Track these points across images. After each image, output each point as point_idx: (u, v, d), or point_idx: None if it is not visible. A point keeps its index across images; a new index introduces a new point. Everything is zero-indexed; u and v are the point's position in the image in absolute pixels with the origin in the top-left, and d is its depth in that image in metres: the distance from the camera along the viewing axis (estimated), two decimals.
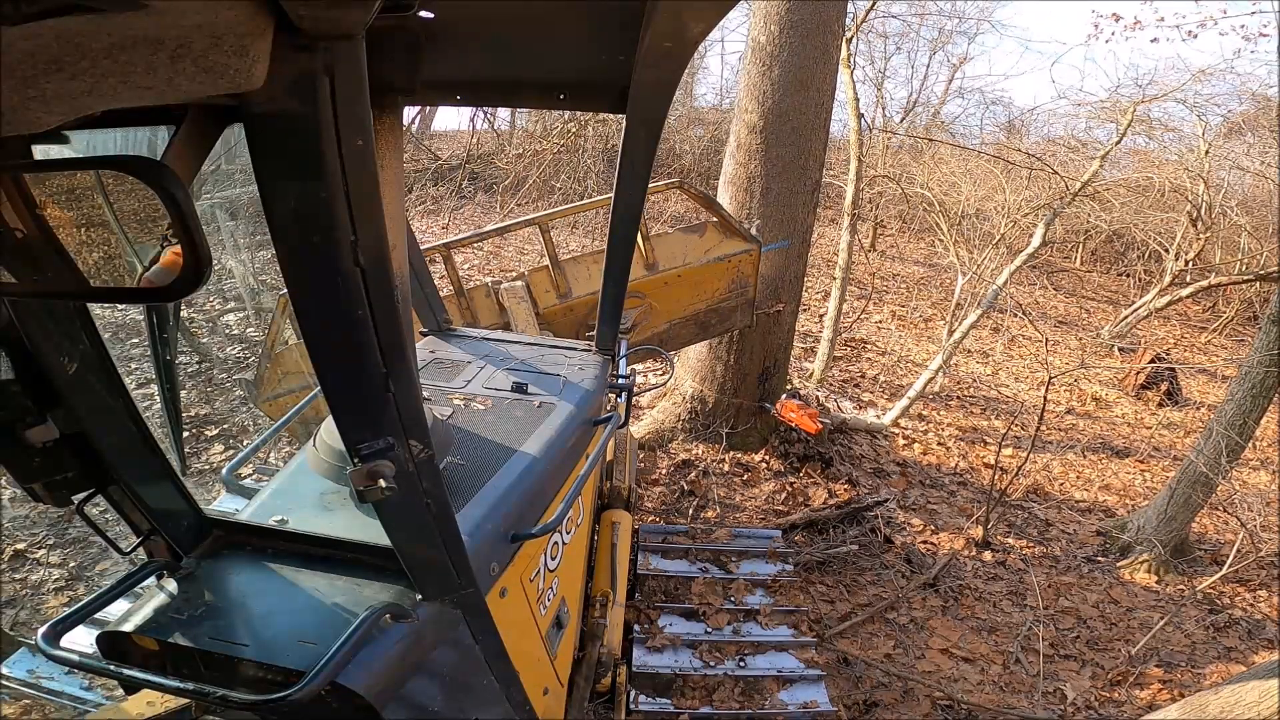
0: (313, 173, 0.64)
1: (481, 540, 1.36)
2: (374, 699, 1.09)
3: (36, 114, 0.43)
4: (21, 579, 3.02)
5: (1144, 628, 3.90)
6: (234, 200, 5.29)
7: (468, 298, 3.41)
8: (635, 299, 3.56)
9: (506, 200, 9.38)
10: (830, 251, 9.91)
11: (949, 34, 13.96)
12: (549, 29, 1.23)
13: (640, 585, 3.26)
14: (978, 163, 9.17)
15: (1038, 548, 4.60)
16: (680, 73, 1.35)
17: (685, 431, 4.89)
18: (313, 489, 1.47)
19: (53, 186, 0.65)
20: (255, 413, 4.26)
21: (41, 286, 0.69)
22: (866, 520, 4.35)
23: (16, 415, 0.94)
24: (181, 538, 1.23)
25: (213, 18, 0.49)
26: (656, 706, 2.73)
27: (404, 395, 0.88)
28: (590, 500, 2.48)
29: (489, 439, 1.69)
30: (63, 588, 3.01)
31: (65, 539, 3.23)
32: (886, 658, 3.43)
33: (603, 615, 2.46)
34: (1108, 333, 9.56)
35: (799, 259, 4.63)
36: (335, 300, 0.74)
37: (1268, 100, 9.12)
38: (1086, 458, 6.17)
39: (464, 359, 2.18)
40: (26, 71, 0.41)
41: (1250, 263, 10.25)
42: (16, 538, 3.18)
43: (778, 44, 4.04)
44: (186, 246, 0.60)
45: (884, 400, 6.43)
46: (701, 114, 13.36)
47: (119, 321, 4.86)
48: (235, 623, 1.15)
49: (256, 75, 0.54)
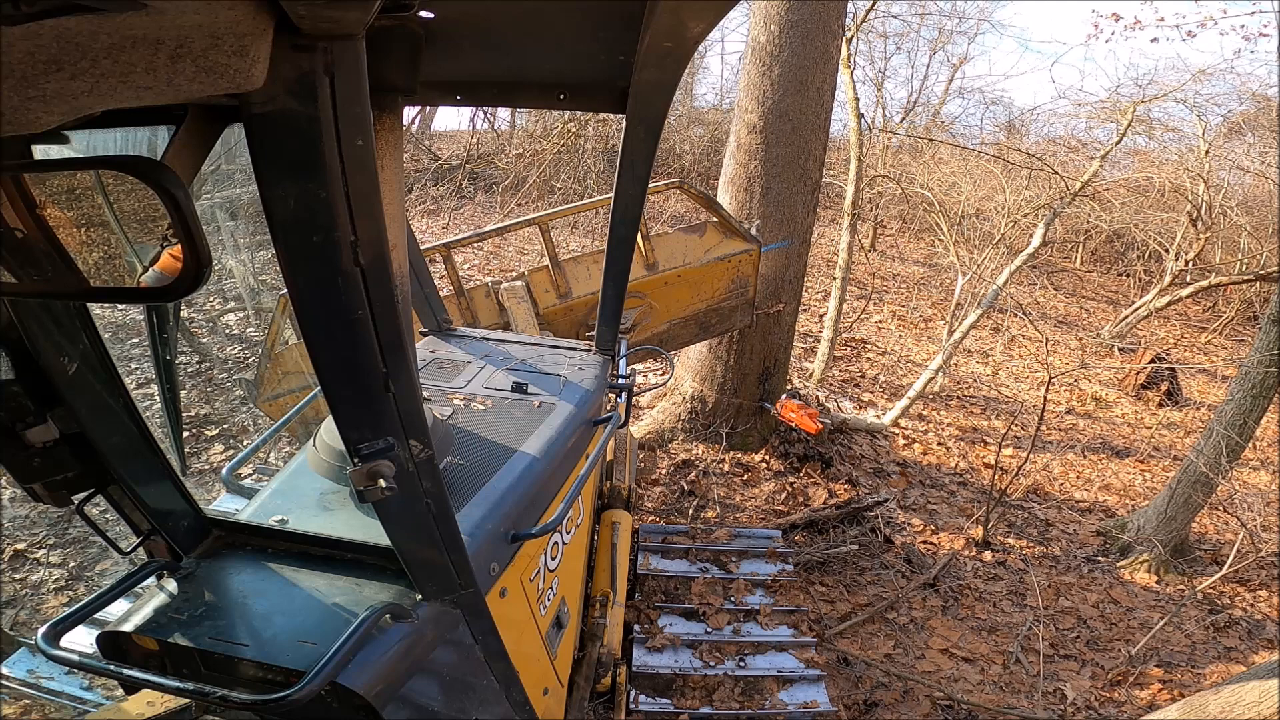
0: (313, 173, 0.64)
1: (481, 540, 1.36)
2: (374, 699, 1.09)
3: (36, 114, 0.43)
4: (21, 579, 3.02)
5: (1144, 628, 3.90)
6: (234, 200, 5.29)
7: (468, 298, 3.41)
8: (635, 299, 3.56)
9: (506, 200, 9.38)
10: (830, 251, 9.91)
11: (949, 34, 13.97)
12: (549, 29, 1.23)
13: (640, 585, 3.26)
14: (978, 163, 9.17)
15: (1038, 548, 4.60)
16: (680, 73, 1.35)
17: (685, 431, 4.89)
18: (313, 489, 1.47)
19: (53, 186, 0.65)
20: (255, 413, 4.26)
21: (41, 286, 0.69)
22: (866, 520, 4.35)
23: (16, 415, 0.94)
24: (181, 538, 1.23)
25: (213, 18, 0.49)
26: (656, 706, 2.73)
27: (404, 395, 0.88)
28: (590, 500, 2.48)
29: (489, 439, 1.69)
30: (63, 588, 3.01)
31: (65, 539, 3.23)
32: (886, 658, 3.43)
33: (603, 615, 2.46)
34: (1108, 333, 9.56)
35: (799, 259, 4.63)
36: (335, 300, 0.74)
37: (1268, 100, 9.12)
38: (1086, 458, 6.17)
39: (464, 359, 2.18)
40: (26, 71, 0.41)
41: (1250, 263, 10.25)
42: (16, 538, 3.18)
43: (778, 44, 4.04)
44: (186, 246, 0.60)
45: (884, 400, 6.43)
46: (701, 114, 13.35)
47: (119, 321, 4.86)
48: (235, 623, 1.15)
49: (256, 75, 0.54)
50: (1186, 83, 8.00)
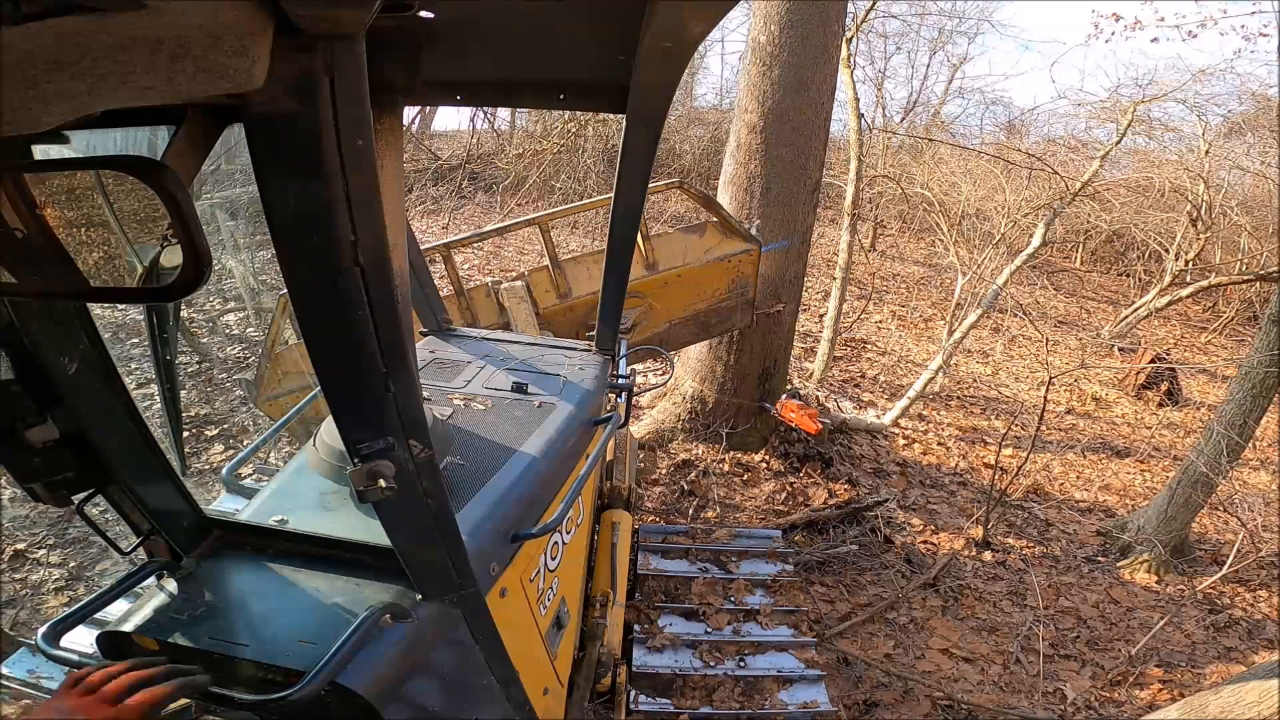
0: (313, 173, 0.64)
1: (482, 540, 1.36)
2: (374, 699, 1.09)
3: (36, 114, 0.43)
4: (21, 579, 3.02)
5: (1144, 628, 3.90)
6: (234, 200, 5.29)
7: (468, 298, 3.41)
8: (635, 299, 3.56)
9: (506, 200, 9.39)
10: (830, 251, 9.91)
11: (949, 34, 13.98)
12: (549, 29, 1.23)
13: (640, 585, 3.26)
14: (978, 163, 9.17)
15: (1038, 548, 4.60)
16: (680, 73, 1.35)
17: (685, 431, 4.88)
18: (313, 489, 1.47)
19: (53, 186, 0.64)
20: (255, 413, 4.26)
21: (41, 286, 0.69)
22: (866, 520, 4.35)
23: (16, 415, 0.94)
24: (181, 538, 1.23)
25: (213, 18, 0.49)
26: (656, 706, 2.73)
27: (404, 395, 0.88)
28: (590, 500, 2.48)
29: (489, 439, 1.69)
30: (63, 588, 3.01)
31: (65, 539, 3.23)
32: (886, 658, 3.43)
33: (603, 615, 2.46)
34: (1108, 333, 9.56)
35: (799, 259, 4.63)
36: (335, 300, 0.74)
37: (1268, 100, 9.12)
38: (1086, 458, 6.17)
39: (464, 359, 2.18)
40: (26, 71, 0.41)
41: (1250, 263, 10.25)
42: (16, 538, 3.18)
43: (778, 44, 4.04)
44: (186, 246, 0.60)
45: (884, 400, 6.43)
46: (701, 114, 13.36)
47: (119, 321, 4.86)
48: (235, 623, 1.15)
49: (256, 75, 0.54)
50: (1186, 83, 8.00)
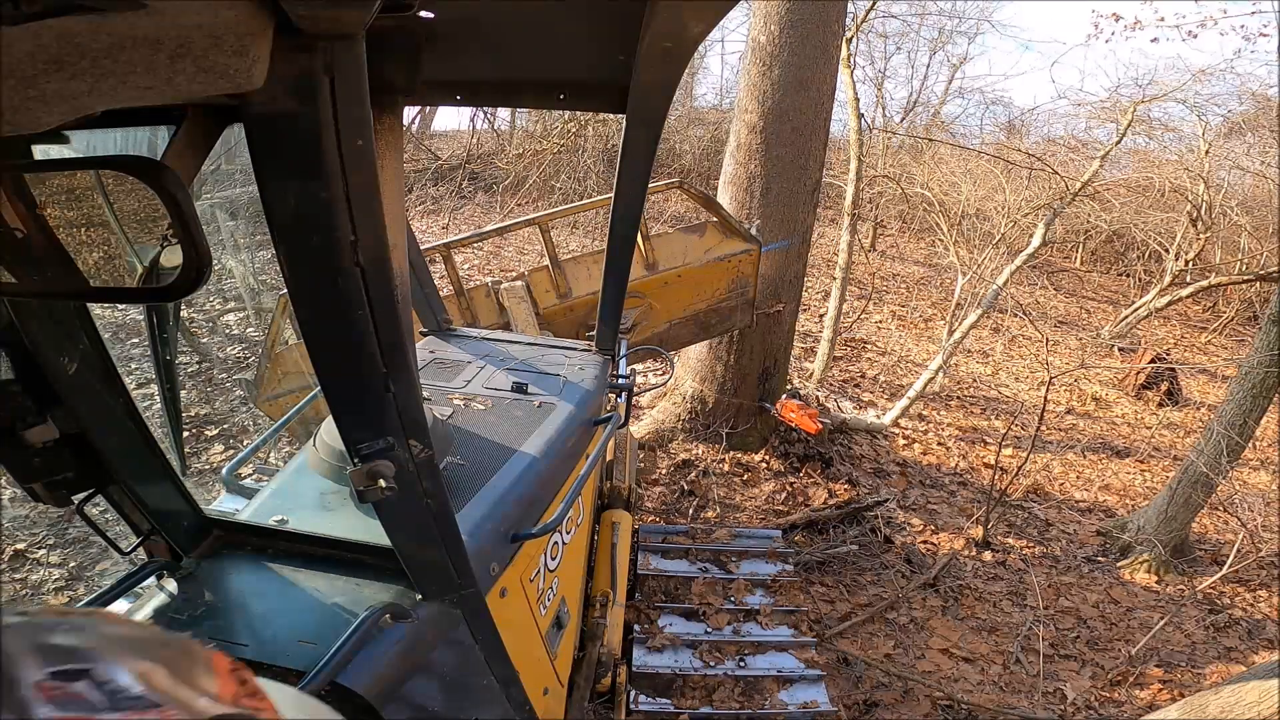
0: (313, 173, 0.64)
1: (481, 540, 1.36)
2: (374, 699, 1.09)
3: (36, 114, 0.43)
4: (21, 579, 3.02)
5: (1144, 628, 3.90)
6: (234, 200, 5.29)
7: (468, 298, 3.41)
8: (635, 299, 3.56)
9: (506, 200, 9.39)
10: (830, 251, 9.91)
11: (949, 34, 13.98)
12: (549, 29, 1.23)
13: (640, 585, 3.26)
14: (978, 163, 9.17)
15: (1038, 548, 4.60)
16: (680, 73, 1.35)
17: (685, 431, 4.88)
18: (313, 489, 1.47)
19: (53, 186, 0.65)
20: (255, 413, 4.26)
21: (41, 286, 0.69)
22: (866, 520, 4.35)
23: (16, 415, 0.94)
24: (181, 538, 1.23)
25: (213, 18, 0.49)
26: (656, 706, 2.73)
27: (404, 395, 0.88)
28: (590, 500, 2.48)
29: (489, 439, 1.69)
30: (63, 588, 3.01)
31: (65, 539, 3.23)
32: (886, 658, 3.43)
33: (603, 615, 2.46)
34: (1108, 333, 9.56)
35: (799, 259, 4.63)
36: (335, 300, 0.74)
37: (1268, 100, 9.12)
38: (1086, 458, 6.17)
39: (464, 359, 2.18)
40: (26, 71, 0.41)
41: (1250, 263, 10.25)
42: (16, 538, 3.18)
43: (778, 44, 4.04)
44: (186, 246, 0.60)
45: (884, 400, 6.43)
46: (701, 114, 13.35)
47: (119, 321, 4.86)
48: (235, 623, 1.15)
49: (256, 75, 0.54)
50: (1186, 83, 8.01)
